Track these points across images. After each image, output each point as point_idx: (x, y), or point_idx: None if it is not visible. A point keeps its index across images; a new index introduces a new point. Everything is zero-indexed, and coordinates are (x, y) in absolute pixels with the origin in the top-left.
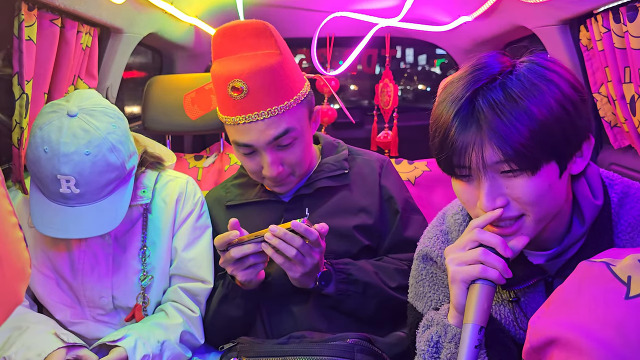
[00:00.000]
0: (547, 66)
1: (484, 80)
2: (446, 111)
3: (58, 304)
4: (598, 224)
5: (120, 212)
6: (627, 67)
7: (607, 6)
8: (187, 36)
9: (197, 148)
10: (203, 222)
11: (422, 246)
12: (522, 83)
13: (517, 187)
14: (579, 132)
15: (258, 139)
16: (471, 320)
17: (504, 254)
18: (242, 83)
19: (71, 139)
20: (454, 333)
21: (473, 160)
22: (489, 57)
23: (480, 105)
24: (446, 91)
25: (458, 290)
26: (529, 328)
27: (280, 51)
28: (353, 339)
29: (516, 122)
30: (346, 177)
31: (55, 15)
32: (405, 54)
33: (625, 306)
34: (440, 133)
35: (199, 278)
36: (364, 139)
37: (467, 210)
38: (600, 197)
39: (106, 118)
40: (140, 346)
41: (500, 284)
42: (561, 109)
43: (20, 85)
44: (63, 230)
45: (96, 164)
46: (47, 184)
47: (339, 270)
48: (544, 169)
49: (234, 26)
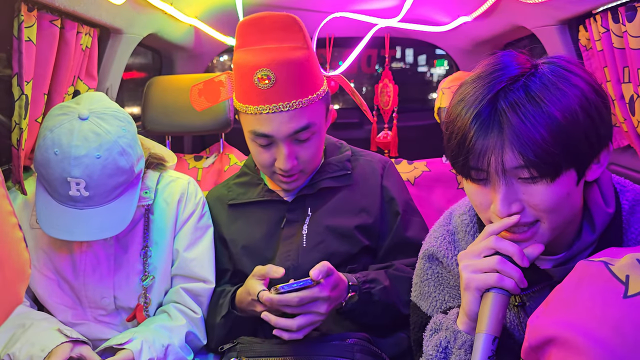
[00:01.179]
0: (571, 69)
1: (505, 81)
2: (464, 112)
3: (59, 305)
4: (609, 232)
5: (127, 216)
6: (626, 67)
7: (606, 6)
8: (186, 37)
9: (197, 148)
10: (204, 222)
11: (428, 245)
12: (546, 86)
13: (535, 194)
14: (601, 139)
15: (279, 130)
16: (485, 330)
17: (521, 263)
18: (270, 72)
19: (82, 142)
20: (464, 340)
21: (492, 165)
22: (506, 56)
23: (503, 108)
24: (462, 91)
25: (472, 298)
26: (527, 327)
27: (307, 46)
28: (353, 339)
29: (540, 127)
30: (349, 178)
31: (54, 16)
32: (405, 54)
33: (623, 305)
34: (458, 135)
35: (200, 278)
36: (364, 139)
37: (479, 213)
38: (612, 205)
39: (117, 122)
40: (146, 349)
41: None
42: (585, 115)
43: (19, 86)
44: (69, 232)
45: (106, 167)
46: (57, 186)
47: (364, 291)
48: (563, 176)
49: (262, 17)
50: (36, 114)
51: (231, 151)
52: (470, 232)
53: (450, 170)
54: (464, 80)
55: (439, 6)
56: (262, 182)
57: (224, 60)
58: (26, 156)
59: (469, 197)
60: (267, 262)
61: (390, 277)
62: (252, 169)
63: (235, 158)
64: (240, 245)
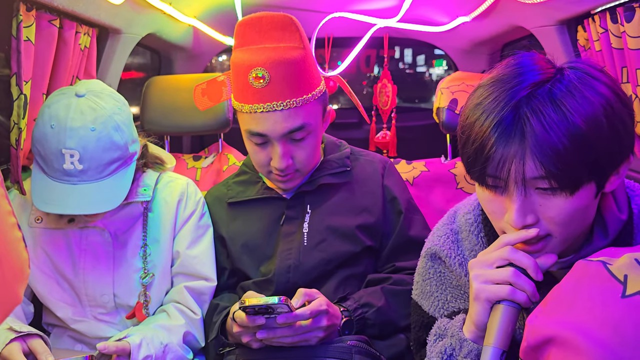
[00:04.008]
0: (596, 76)
1: (528, 87)
2: (484, 118)
3: (59, 302)
4: (620, 237)
5: (120, 193)
6: (625, 67)
7: (605, 6)
8: (185, 37)
9: (196, 148)
10: (205, 221)
11: (431, 244)
12: (572, 94)
13: (553, 207)
14: (623, 151)
15: (274, 129)
16: (493, 343)
17: (536, 277)
18: (264, 72)
19: (78, 115)
20: (470, 348)
21: (512, 174)
22: (527, 58)
23: (527, 115)
24: (480, 95)
25: (481, 309)
26: (526, 326)
27: (303, 46)
28: (352, 341)
29: (563, 137)
30: (348, 175)
31: (53, 15)
32: (404, 54)
33: (622, 305)
34: (476, 142)
35: (202, 276)
36: (363, 139)
37: (492, 221)
38: (625, 211)
39: (113, 101)
40: (145, 346)
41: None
42: (610, 126)
43: (18, 86)
44: (62, 206)
45: (101, 140)
46: (52, 160)
47: (358, 318)
48: (583, 189)
49: (260, 17)
50: (35, 113)
51: (230, 151)
52: (474, 232)
53: (450, 171)
54: (481, 83)
55: (437, 6)
56: (261, 180)
57: (222, 60)
58: (25, 156)
59: (482, 203)
60: (267, 260)
61: (386, 294)
62: (250, 167)
63: (234, 158)
64: (239, 243)
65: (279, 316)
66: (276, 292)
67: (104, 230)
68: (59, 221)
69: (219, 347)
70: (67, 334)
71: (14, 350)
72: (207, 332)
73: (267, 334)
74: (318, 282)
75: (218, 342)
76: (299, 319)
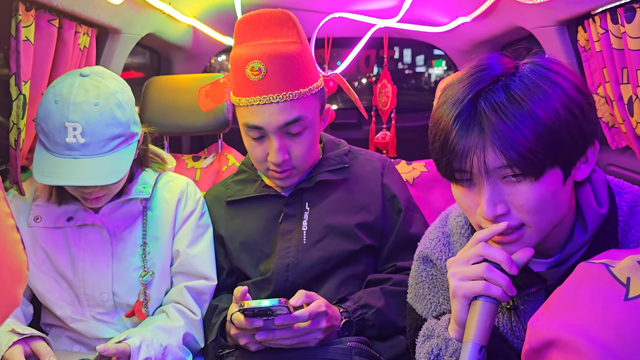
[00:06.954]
0: (552, 68)
1: (485, 81)
2: (446, 114)
3: (58, 301)
4: (602, 233)
5: (121, 169)
6: (625, 68)
7: (605, 7)
8: (185, 37)
9: (195, 149)
10: (205, 221)
11: (423, 247)
12: (526, 85)
13: (520, 194)
14: (586, 136)
15: (270, 122)
16: (471, 339)
17: (510, 271)
18: (261, 64)
19: (82, 92)
20: (455, 347)
21: (475, 165)
22: (490, 58)
23: (483, 108)
24: (446, 93)
25: (459, 306)
26: (528, 329)
27: (300, 41)
28: (351, 342)
29: (520, 125)
30: (346, 172)
31: (52, 15)
32: (404, 54)
33: (625, 308)
34: (441, 137)
35: (202, 275)
36: (362, 139)
37: (468, 217)
38: (605, 206)
39: (115, 82)
40: (144, 348)
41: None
42: (568, 112)
43: (17, 86)
44: (63, 178)
45: (103, 115)
46: (54, 135)
47: (357, 319)
48: (548, 174)
49: (258, 14)
50: (34, 114)
51: (229, 151)
52: (465, 234)
53: None
54: (449, 83)
55: (437, 7)
56: (259, 178)
57: (222, 60)
58: (24, 156)
59: (457, 201)
60: (265, 258)
61: (386, 295)
62: (249, 166)
63: (233, 158)
64: (238, 242)
65: (277, 317)
66: (275, 291)
67: (102, 228)
68: (58, 220)
69: (218, 349)
70: (66, 334)
71: (16, 354)
72: (206, 334)
73: (265, 336)
74: (317, 280)
75: (217, 344)
76: (297, 320)
